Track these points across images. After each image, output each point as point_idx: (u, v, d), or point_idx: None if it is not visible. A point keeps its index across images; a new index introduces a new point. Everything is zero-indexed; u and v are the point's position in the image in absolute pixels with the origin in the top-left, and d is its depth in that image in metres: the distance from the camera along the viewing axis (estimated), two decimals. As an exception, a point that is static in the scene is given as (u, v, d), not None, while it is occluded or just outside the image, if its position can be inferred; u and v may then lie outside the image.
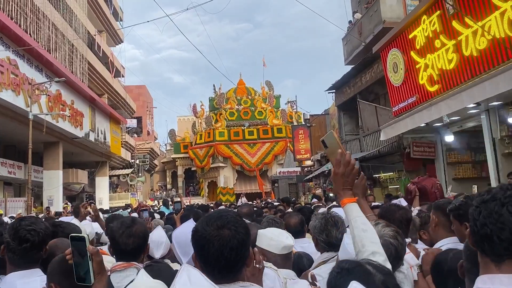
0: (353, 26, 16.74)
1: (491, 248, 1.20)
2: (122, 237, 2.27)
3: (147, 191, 45.13)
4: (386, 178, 14.92)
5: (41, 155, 21.42)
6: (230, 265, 1.44)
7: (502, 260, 1.20)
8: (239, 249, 1.44)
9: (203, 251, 1.44)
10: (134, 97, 42.42)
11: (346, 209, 1.69)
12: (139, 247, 2.29)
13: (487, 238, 1.20)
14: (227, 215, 1.53)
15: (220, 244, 1.42)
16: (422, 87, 10.31)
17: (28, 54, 16.76)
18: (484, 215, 1.22)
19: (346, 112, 18.49)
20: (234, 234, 1.44)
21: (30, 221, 2.19)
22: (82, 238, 1.61)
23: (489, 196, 1.24)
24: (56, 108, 19.23)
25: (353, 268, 1.28)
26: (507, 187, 1.24)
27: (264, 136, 36.44)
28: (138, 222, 2.43)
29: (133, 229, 2.30)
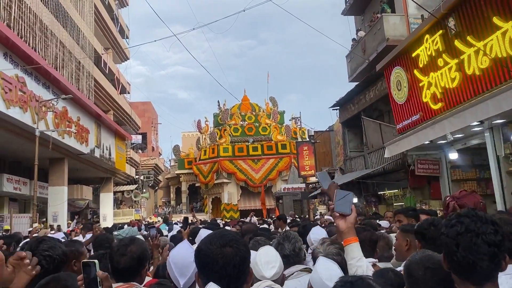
0: (357, 43, 16.91)
1: (473, 275, 1.42)
2: (116, 255, 2.28)
3: (151, 207, 45.11)
4: (391, 195, 14.90)
5: (46, 171, 21.53)
6: (233, 281, 1.50)
7: (482, 284, 1.43)
8: (241, 265, 1.51)
9: (207, 268, 1.51)
10: (140, 113, 42.73)
11: (347, 248, 1.78)
12: (132, 268, 2.27)
13: (469, 267, 1.41)
14: (229, 234, 1.62)
15: (223, 262, 1.49)
16: (426, 105, 10.38)
17: (35, 71, 17.01)
18: (464, 247, 1.40)
19: (350, 129, 18.54)
20: (236, 251, 1.52)
21: (48, 246, 2.18)
22: (93, 263, 1.66)
23: (463, 229, 1.43)
24: (62, 125, 19.41)
25: (356, 281, 1.34)
26: (474, 216, 1.46)
27: (268, 152, 36.45)
28: (136, 242, 2.38)
29: (127, 248, 2.29)
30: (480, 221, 1.45)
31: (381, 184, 14.94)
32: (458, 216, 1.51)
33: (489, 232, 1.43)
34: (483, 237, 1.42)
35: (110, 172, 29.46)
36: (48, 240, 2.28)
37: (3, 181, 18.17)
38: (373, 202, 15.44)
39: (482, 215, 1.48)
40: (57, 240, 2.55)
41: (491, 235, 1.42)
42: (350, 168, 17.73)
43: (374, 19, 15.25)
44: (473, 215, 1.47)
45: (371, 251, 2.92)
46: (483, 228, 1.43)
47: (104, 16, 29.88)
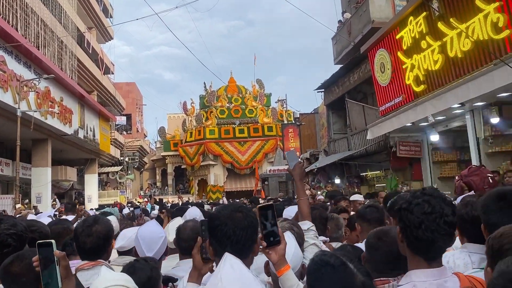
0: (343, 25, 16.86)
1: (429, 252, 1.51)
2: (82, 236, 2.30)
3: (137, 189, 45.00)
4: (373, 177, 15.10)
5: (29, 152, 21.26)
6: (240, 245, 1.59)
7: (434, 259, 1.52)
8: (249, 229, 1.61)
9: (218, 231, 1.61)
10: (124, 94, 42.23)
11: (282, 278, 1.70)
12: (98, 247, 2.30)
13: (427, 244, 1.49)
14: (240, 203, 1.87)
15: (233, 224, 1.59)
16: (408, 87, 10.47)
17: (16, 50, 16.63)
18: (427, 226, 1.48)
19: (335, 111, 18.64)
20: (245, 216, 1.63)
21: (10, 224, 2.17)
22: (49, 243, 1.61)
23: (429, 209, 1.49)
24: (45, 105, 19.10)
25: (339, 266, 1.32)
26: (439, 197, 1.53)
27: (255, 134, 36.49)
28: (100, 222, 2.39)
29: (92, 229, 2.31)
30: (444, 202, 1.51)
31: (363, 165, 15.13)
32: (424, 195, 1.55)
33: (449, 214, 1.49)
34: (445, 219, 1.48)
35: (95, 153, 29.21)
36: (6, 219, 2.26)
37: (-16, 162, 17.93)
38: (355, 183, 15.64)
39: (443, 195, 1.55)
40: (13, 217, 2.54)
41: (450, 217, 1.49)
42: (334, 149, 17.88)
43: (360, 0, 15.20)
44: (438, 195, 1.53)
45: (323, 229, 3.01)
46: (446, 210, 1.49)
47: (87, -6, 29.23)
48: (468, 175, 5.08)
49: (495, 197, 1.87)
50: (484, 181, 5.01)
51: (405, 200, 1.59)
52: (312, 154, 20.92)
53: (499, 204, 1.82)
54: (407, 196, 1.62)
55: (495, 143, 9.29)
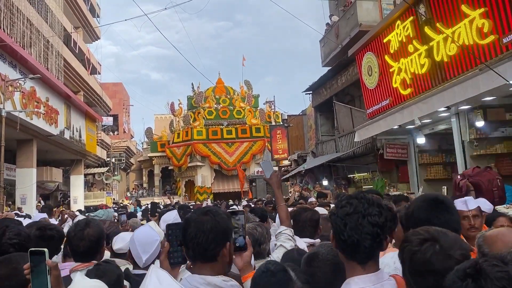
0: (330, 28, 16.97)
1: (358, 254, 1.52)
2: (74, 239, 2.38)
3: (123, 190, 44.64)
4: (360, 178, 15.22)
5: (14, 153, 20.95)
6: (202, 247, 1.60)
7: (366, 262, 1.53)
8: (211, 233, 1.60)
9: (185, 233, 1.64)
10: (111, 95, 41.89)
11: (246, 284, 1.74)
12: (91, 249, 2.39)
13: (354, 246, 1.51)
14: (213, 207, 1.78)
15: (195, 227, 1.62)
16: (395, 90, 10.59)
17: (1, 50, 16.41)
18: (350, 227, 1.51)
19: (322, 113, 18.75)
20: (210, 219, 1.63)
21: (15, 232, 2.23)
22: (42, 252, 1.61)
23: (351, 210, 1.53)
24: (30, 105, 18.86)
25: (278, 271, 1.44)
26: (363, 198, 1.57)
27: (243, 135, 36.52)
28: (92, 225, 2.46)
29: (84, 232, 2.38)
30: (368, 203, 1.54)
31: (351, 167, 15.24)
32: (349, 197, 1.60)
33: (374, 214, 1.52)
34: (368, 218, 1.51)
35: (81, 154, 28.92)
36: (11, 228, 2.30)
37: (-33, 163, 17.62)
38: (343, 185, 15.75)
39: (370, 198, 1.58)
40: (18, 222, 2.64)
41: (375, 217, 1.51)
42: (322, 151, 17.98)
43: (348, 4, 15.32)
44: (362, 197, 1.57)
45: (313, 231, 3.04)
46: (369, 210, 1.52)
47: (74, -7, 28.95)
48: (474, 176, 5.02)
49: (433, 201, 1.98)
50: (493, 183, 5.00)
51: (334, 205, 1.66)
52: (300, 155, 21.01)
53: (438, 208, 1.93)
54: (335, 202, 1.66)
55: (480, 146, 9.44)
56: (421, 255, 1.33)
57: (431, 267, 1.32)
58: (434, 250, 1.32)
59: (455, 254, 1.31)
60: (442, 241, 1.34)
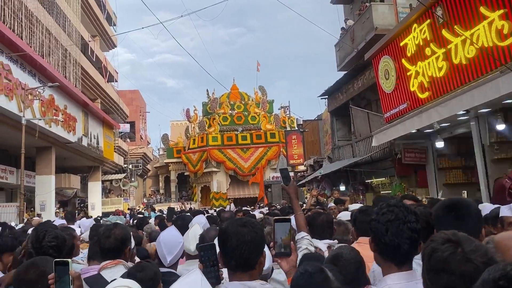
0: (346, 32, 16.90)
1: (397, 256, 1.71)
2: (102, 237, 2.62)
3: (140, 196, 44.98)
4: (378, 184, 15.05)
5: (33, 160, 21.32)
6: (244, 258, 1.72)
7: (403, 264, 1.71)
8: (252, 244, 1.73)
9: (224, 245, 1.76)
10: (127, 102, 42.37)
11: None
12: (116, 248, 2.60)
13: (394, 249, 1.69)
14: (248, 219, 1.94)
15: (237, 239, 1.73)
16: (413, 94, 10.47)
17: (21, 59, 16.75)
18: (392, 232, 1.69)
19: (338, 118, 18.63)
20: (249, 231, 1.75)
21: (53, 236, 2.50)
22: (66, 262, 1.71)
23: (393, 217, 1.71)
24: (49, 113, 19.18)
25: (316, 272, 1.52)
26: (402, 207, 1.75)
27: (258, 141, 36.52)
28: (119, 226, 2.72)
29: (111, 232, 2.62)
30: (406, 211, 1.73)
31: (368, 172, 15.09)
32: (388, 206, 1.78)
33: (412, 221, 1.71)
34: (408, 225, 1.69)
35: (98, 161, 29.27)
36: (50, 231, 2.58)
37: (-11, 170, 17.98)
38: (360, 191, 15.58)
39: (408, 206, 1.78)
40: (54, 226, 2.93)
41: (414, 223, 1.70)
42: (338, 156, 17.85)
43: (363, 8, 15.25)
44: (401, 206, 1.76)
45: (330, 233, 3.28)
46: (408, 217, 1.71)
47: (91, 3, 29.43)
48: None
49: (446, 207, 2.09)
50: None
51: (374, 212, 1.82)
52: (316, 161, 20.90)
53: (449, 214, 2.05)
54: (376, 209, 1.85)
55: (501, 150, 9.24)
56: (440, 253, 1.39)
57: (446, 266, 1.35)
58: (454, 251, 1.37)
59: (476, 260, 1.32)
60: (465, 245, 1.37)
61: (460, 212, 2.04)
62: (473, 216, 2.06)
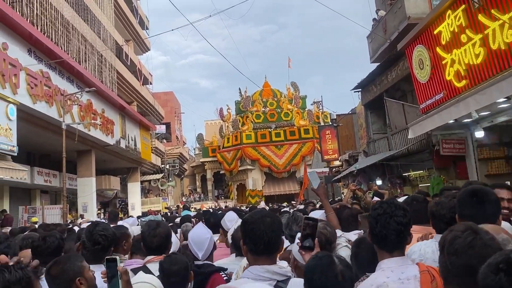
0: (377, 23, 16.56)
1: (386, 245, 1.99)
2: (149, 237, 2.86)
3: (178, 195, 45.78)
4: (416, 177, 14.69)
5: (74, 163, 22.08)
6: (272, 243, 1.95)
7: (393, 251, 1.98)
8: (277, 231, 1.98)
9: (252, 233, 1.96)
10: (162, 104, 43.16)
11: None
12: (162, 245, 2.87)
13: (382, 239, 1.98)
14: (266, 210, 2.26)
15: (264, 226, 1.95)
16: (449, 83, 10.13)
17: (59, 66, 17.35)
18: (380, 224, 1.98)
19: (373, 111, 18.27)
20: (273, 220, 2.00)
21: (103, 227, 2.84)
22: (114, 259, 1.96)
23: (381, 211, 2.00)
24: (88, 117, 19.80)
25: (323, 256, 1.79)
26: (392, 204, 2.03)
27: (291, 137, 36.39)
28: (162, 225, 2.97)
29: (156, 231, 2.87)
30: (395, 207, 2.00)
31: (405, 165, 14.73)
32: (381, 203, 2.09)
33: (399, 215, 1.97)
34: (394, 218, 1.96)
35: (136, 162, 29.98)
36: (101, 224, 2.93)
37: (34, 174, 18.76)
38: (398, 184, 15.24)
39: (397, 203, 2.06)
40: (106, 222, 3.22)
41: (400, 217, 1.97)
42: (374, 150, 17.53)
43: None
44: (391, 203, 2.05)
45: (355, 225, 3.63)
46: (395, 212, 1.98)
47: (124, 8, 30.12)
48: None
49: (470, 193, 2.27)
50: None
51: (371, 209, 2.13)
52: (351, 155, 20.60)
53: (472, 200, 2.23)
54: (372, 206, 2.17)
55: (546, 137, 8.83)
56: (462, 239, 1.52)
57: (469, 250, 1.49)
58: (475, 237, 1.52)
59: (493, 246, 1.49)
60: (483, 235, 1.53)
61: (481, 198, 2.23)
62: (492, 202, 2.25)
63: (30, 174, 18.03)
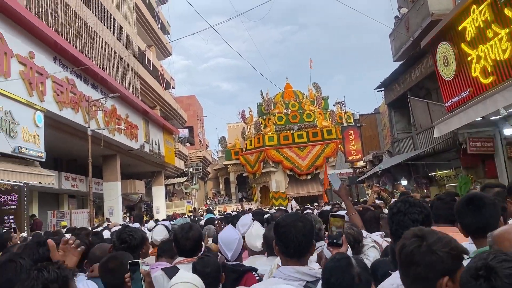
0: (400, 21, 16.31)
1: None
2: (182, 240, 2.96)
3: (202, 198, 46.07)
4: (443, 176, 14.38)
5: (100, 168, 22.48)
6: (302, 247, 2.03)
7: None
8: (308, 235, 2.05)
9: (284, 236, 2.05)
10: (185, 107, 43.55)
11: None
12: (194, 247, 2.98)
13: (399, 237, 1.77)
14: (299, 214, 2.35)
15: (296, 230, 2.03)
16: (476, 80, 9.88)
17: (84, 73, 17.71)
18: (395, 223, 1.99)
19: (397, 110, 17.99)
20: (304, 225, 2.07)
21: (131, 229, 3.05)
22: (137, 263, 2.05)
23: (396, 210, 2.01)
24: (112, 123, 20.14)
25: (341, 258, 1.80)
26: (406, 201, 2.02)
27: (314, 138, 36.16)
28: (194, 228, 3.08)
29: (189, 234, 2.97)
30: (409, 204, 2.00)
31: (431, 165, 14.43)
32: (396, 201, 2.11)
33: (413, 212, 1.97)
34: (408, 216, 1.97)
35: (160, 166, 30.31)
36: (130, 227, 3.20)
37: (61, 179, 19.18)
38: (424, 184, 14.93)
39: (412, 200, 2.04)
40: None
41: (415, 214, 1.97)
42: (398, 150, 17.24)
43: (417, -6, 14.61)
44: (406, 201, 2.05)
45: (376, 226, 3.68)
46: (409, 209, 1.98)
47: (145, 14, 30.55)
48: None
49: (465, 202, 2.25)
50: None
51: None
52: (375, 155, 20.32)
53: (468, 208, 2.20)
54: None
55: None
56: (407, 248, 1.50)
57: (413, 259, 1.46)
58: (419, 245, 1.47)
59: (438, 251, 1.43)
60: (429, 238, 1.48)
61: (477, 204, 2.21)
62: (487, 206, 2.22)
63: (57, 179, 18.44)
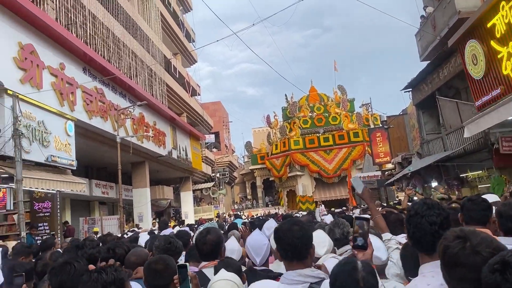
0: (426, 20, 16.04)
1: (423, 247, 1.91)
2: (200, 244, 3.04)
3: (229, 203, 46.28)
4: (475, 177, 14.01)
5: (129, 175, 22.89)
6: (298, 249, 2.07)
7: (431, 253, 1.86)
8: (303, 239, 2.09)
9: (281, 240, 2.12)
10: (211, 114, 43.95)
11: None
12: (213, 250, 3.00)
13: (418, 241, 1.92)
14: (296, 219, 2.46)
15: (291, 235, 2.09)
16: (507, 78, 9.62)
17: (112, 82, 18.11)
18: (413, 226, 1.93)
19: (425, 111, 17.66)
20: (300, 228, 2.12)
21: (164, 238, 3.30)
22: (185, 265, 2.18)
23: (413, 213, 1.96)
24: (140, 130, 20.49)
25: (348, 262, 1.80)
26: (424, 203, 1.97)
27: (340, 141, 35.81)
28: (211, 232, 3.09)
29: (206, 238, 3.01)
30: (427, 206, 1.94)
31: (462, 166, 14.09)
32: (414, 203, 2.04)
33: (431, 215, 1.90)
34: (426, 218, 1.90)
35: (188, 171, 30.63)
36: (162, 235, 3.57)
37: (92, 187, 19.62)
38: (455, 186, 14.58)
39: (430, 202, 1.98)
40: None
41: (433, 217, 1.89)
42: (428, 151, 16.91)
43: (443, -8, 14.35)
44: (424, 202, 1.98)
45: (401, 229, 3.61)
46: (427, 212, 1.91)
47: (170, 23, 31.03)
48: None
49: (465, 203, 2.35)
50: None
51: None
52: (404, 157, 19.98)
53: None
54: None
55: None
56: (451, 250, 1.49)
57: (458, 260, 1.47)
58: (463, 246, 1.47)
59: (483, 252, 1.43)
60: (472, 239, 1.48)
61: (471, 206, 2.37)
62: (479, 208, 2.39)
63: (88, 187, 18.86)
